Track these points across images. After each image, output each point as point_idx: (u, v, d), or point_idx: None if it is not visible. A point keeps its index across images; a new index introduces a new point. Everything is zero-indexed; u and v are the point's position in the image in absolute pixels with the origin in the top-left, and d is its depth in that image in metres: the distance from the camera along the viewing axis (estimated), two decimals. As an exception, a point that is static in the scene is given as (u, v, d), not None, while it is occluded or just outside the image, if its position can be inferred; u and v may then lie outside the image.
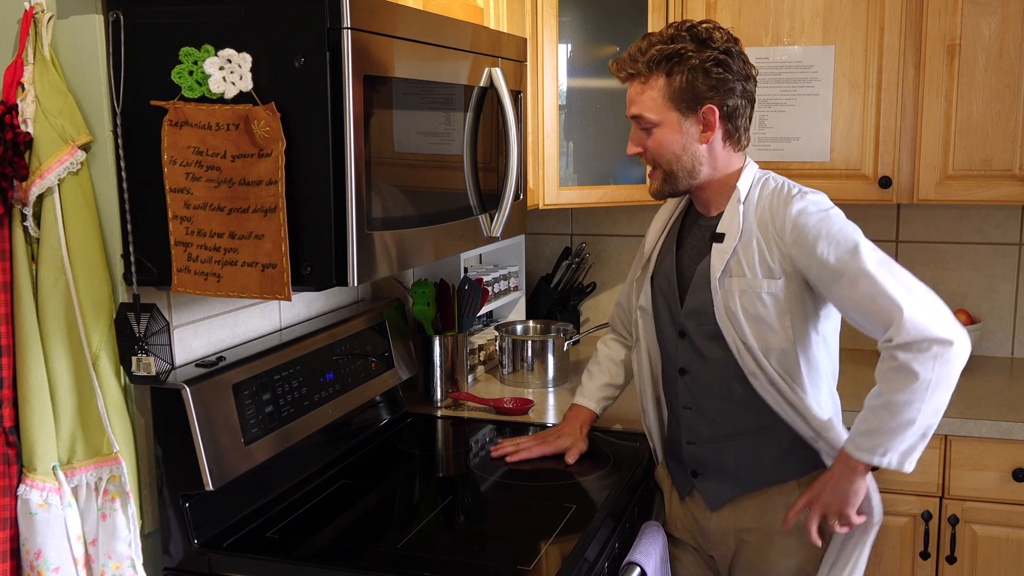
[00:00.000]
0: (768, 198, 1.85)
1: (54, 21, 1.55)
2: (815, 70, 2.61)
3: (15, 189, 1.52)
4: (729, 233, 1.85)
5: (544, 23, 2.59)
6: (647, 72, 1.83)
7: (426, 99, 1.71)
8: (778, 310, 1.82)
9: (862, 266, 1.73)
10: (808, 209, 1.80)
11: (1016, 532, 2.33)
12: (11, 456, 1.54)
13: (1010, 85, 2.47)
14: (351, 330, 2.19)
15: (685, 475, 2.00)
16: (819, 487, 1.82)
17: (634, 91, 1.86)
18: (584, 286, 3.17)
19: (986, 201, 2.54)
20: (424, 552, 1.71)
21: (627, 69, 1.86)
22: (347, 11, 1.42)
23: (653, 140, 1.85)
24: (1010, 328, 2.89)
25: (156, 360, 1.60)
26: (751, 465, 1.91)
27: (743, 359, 1.85)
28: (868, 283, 1.72)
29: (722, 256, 1.84)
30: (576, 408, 2.23)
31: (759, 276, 1.82)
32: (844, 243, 1.76)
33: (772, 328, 1.82)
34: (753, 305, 1.82)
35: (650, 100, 1.83)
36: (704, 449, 1.95)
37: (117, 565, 1.59)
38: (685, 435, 1.98)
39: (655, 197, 1.94)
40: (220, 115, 1.47)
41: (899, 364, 1.69)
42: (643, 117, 1.84)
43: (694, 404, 1.95)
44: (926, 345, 1.68)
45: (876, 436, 1.72)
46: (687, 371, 1.95)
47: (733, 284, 1.84)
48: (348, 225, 1.47)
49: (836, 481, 1.79)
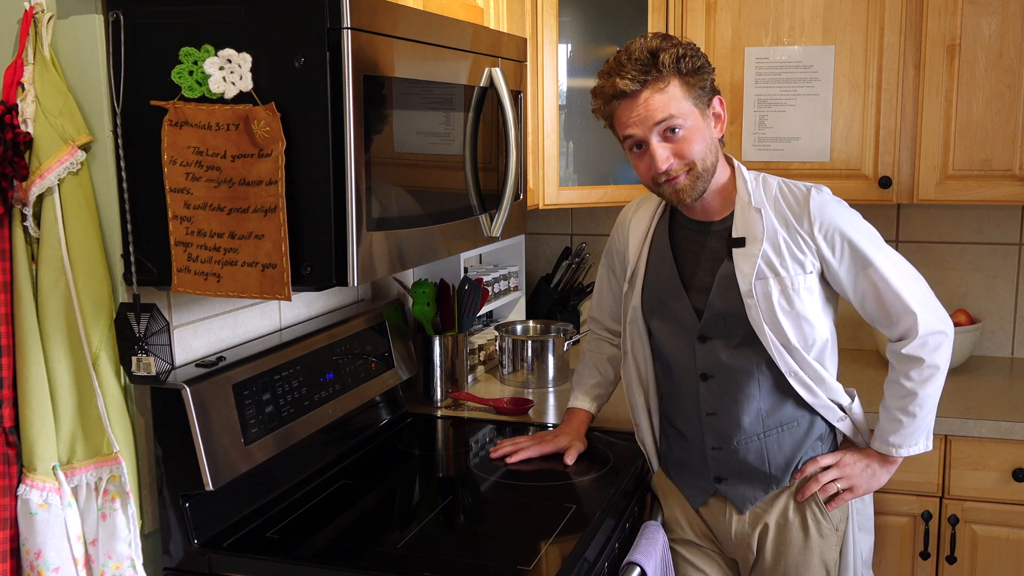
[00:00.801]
0: (780, 195, 1.87)
1: (54, 21, 1.55)
2: (815, 70, 2.61)
3: (15, 189, 1.52)
4: (751, 236, 1.84)
5: (544, 23, 2.59)
6: (662, 81, 1.76)
7: (426, 99, 1.71)
8: (815, 303, 1.86)
9: (882, 264, 1.83)
10: (828, 201, 1.85)
11: (1016, 532, 2.33)
12: (11, 456, 1.54)
13: (1010, 85, 2.47)
14: (351, 330, 2.19)
15: (706, 482, 1.97)
16: (851, 461, 1.93)
17: (654, 101, 1.76)
18: (584, 286, 3.17)
19: (986, 201, 2.54)
20: (424, 552, 1.71)
21: (640, 79, 1.76)
22: (347, 11, 1.42)
23: (685, 142, 1.78)
24: (1010, 328, 2.89)
25: (156, 360, 1.60)
26: (780, 460, 1.92)
27: (782, 359, 1.85)
28: (886, 283, 1.83)
29: (751, 260, 1.84)
30: (572, 411, 2.22)
31: (793, 273, 1.84)
32: (868, 237, 1.85)
33: (810, 323, 1.85)
34: (794, 303, 1.84)
35: (673, 102, 1.77)
36: (730, 453, 1.93)
37: (117, 565, 1.59)
38: (710, 441, 1.94)
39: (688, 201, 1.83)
40: (220, 115, 1.47)
41: (922, 364, 1.84)
42: (674, 118, 1.76)
43: (719, 409, 1.92)
44: (935, 341, 1.85)
45: (908, 434, 1.89)
46: (710, 376, 1.92)
47: (770, 285, 1.83)
48: (348, 225, 1.47)
49: (874, 470, 1.93)
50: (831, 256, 1.84)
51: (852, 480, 1.92)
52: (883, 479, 1.95)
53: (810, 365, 1.87)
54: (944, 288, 2.89)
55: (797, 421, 1.91)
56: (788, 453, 1.92)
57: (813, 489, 1.91)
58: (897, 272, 1.84)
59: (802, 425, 1.92)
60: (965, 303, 2.90)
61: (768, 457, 1.91)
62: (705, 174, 1.82)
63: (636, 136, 1.79)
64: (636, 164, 1.84)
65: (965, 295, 2.90)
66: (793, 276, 1.83)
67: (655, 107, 1.76)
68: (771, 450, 1.91)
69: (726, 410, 1.92)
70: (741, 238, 1.85)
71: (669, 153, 1.78)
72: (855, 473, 1.92)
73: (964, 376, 2.68)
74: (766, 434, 1.91)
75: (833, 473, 1.91)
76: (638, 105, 1.77)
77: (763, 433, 1.91)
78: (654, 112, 1.77)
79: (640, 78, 1.76)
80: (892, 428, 1.89)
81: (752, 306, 1.84)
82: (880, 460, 1.93)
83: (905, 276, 1.86)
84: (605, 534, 1.84)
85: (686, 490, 2.02)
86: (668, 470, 2.07)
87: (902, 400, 1.88)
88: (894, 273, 1.84)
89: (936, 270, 2.90)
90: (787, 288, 1.83)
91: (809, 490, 1.91)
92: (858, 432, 1.96)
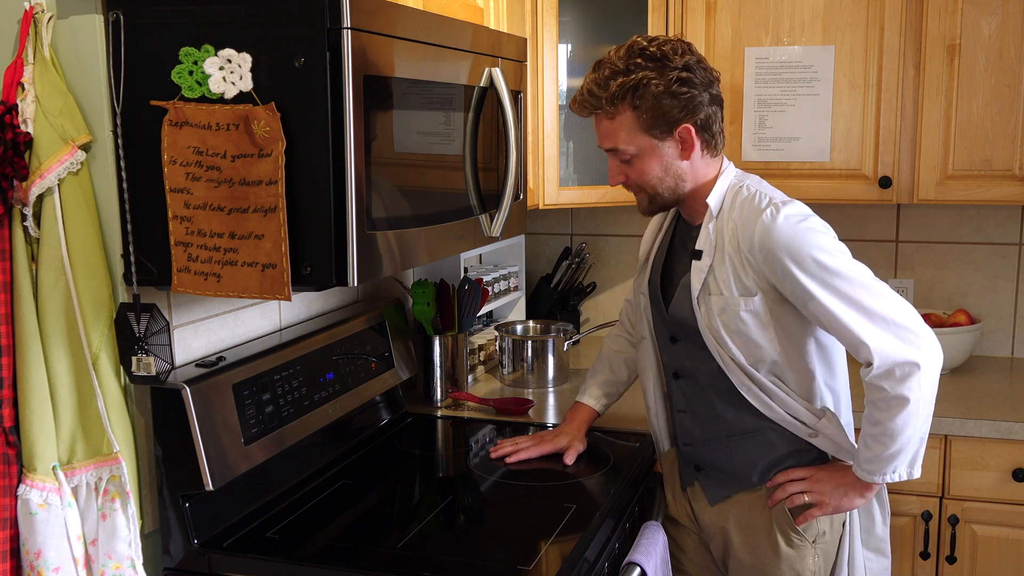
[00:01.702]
0: (739, 211, 1.81)
1: (54, 21, 1.55)
2: (815, 70, 2.61)
3: (15, 189, 1.52)
4: (707, 250, 1.84)
5: (544, 23, 2.59)
6: (611, 108, 1.78)
7: (426, 99, 1.71)
8: (760, 325, 1.81)
9: (826, 297, 1.72)
10: (777, 226, 1.74)
11: (1016, 532, 2.33)
12: (11, 456, 1.54)
13: (1010, 85, 2.47)
14: (351, 330, 2.19)
15: (689, 468, 2.02)
16: (825, 478, 1.86)
17: (604, 126, 1.82)
18: (584, 286, 3.17)
19: (986, 201, 2.54)
20: (424, 552, 1.71)
21: (589, 106, 1.81)
22: (347, 11, 1.42)
23: (634, 170, 1.83)
24: (1010, 328, 2.89)
25: (156, 360, 1.60)
26: (746, 466, 1.92)
27: (731, 371, 1.85)
28: (830, 315, 1.73)
29: (700, 274, 1.84)
30: (577, 406, 2.23)
31: (735, 295, 1.81)
32: (811, 265, 1.72)
33: (757, 343, 1.82)
34: (734, 323, 1.82)
35: (623, 132, 1.79)
36: (699, 450, 1.97)
37: (117, 565, 1.59)
38: (681, 437, 2.01)
39: (645, 215, 1.94)
40: (220, 115, 1.47)
41: (886, 394, 1.72)
42: (619, 150, 1.81)
43: (688, 408, 1.97)
44: (902, 371, 1.71)
45: (882, 461, 1.78)
46: (680, 375, 1.97)
47: (712, 302, 1.83)
48: (348, 225, 1.47)
49: (847, 489, 1.85)
50: (778, 284, 1.77)
51: (821, 496, 1.85)
52: (857, 502, 1.86)
53: (760, 381, 1.84)
54: (944, 288, 2.89)
55: (761, 432, 1.89)
56: (754, 461, 1.91)
57: (779, 497, 1.88)
58: (845, 304, 1.72)
59: (767, 437, 1.89)
60: (965, 303, 2.90)
61: (736, 460, 1.92)
62: (661, 196, 1.86)
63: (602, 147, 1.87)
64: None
65: (965, 295, 2.90)
66: (736, 298, 1.80)
67: (603, 133, 1.84)
68: (736, 454, 1.92)
69: (693, 410, 1.96)
70: (700, 251, 1.85)
71: (619, 172, 1.86)
72: (826, 491, 1.85)
73: (964, 376, 2.68)
74: (729, 438, 1.91)
75: (801, 485, 1.86)
76: (598, 124, 1.85)
77: (726, 437, 1.91)
78: (602, 137, 1.85)
79: (590, 102, 1.81)
80: (866, 454, 1.80)
81: (700, 318, 1.85)
82: (856, 482, 1.84)
83: (857, 307, 1.72)
84: (605, 534, 1.84)
85: (680, 471, 2.07)
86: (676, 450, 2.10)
87: (872, 428, 1.77)
88: (839, 306, 1.72)
89: (936, 270, 2.90)
90: (727, 308, 1.81)
91: (776, 498, 1.89)
92: (841, 450, 1.88)
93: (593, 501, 1.94)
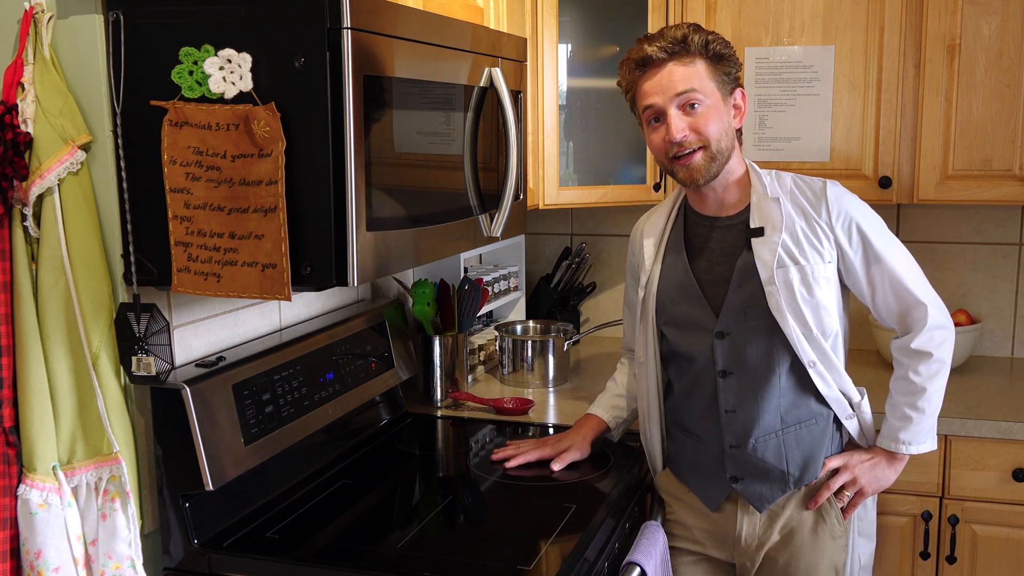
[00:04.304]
0: (795, 188, 1.91)
1: (54, 21, 1.55)
2: (815, 70, 2.61)
3: (15, 189, 1.52)
4: (770, 226, 1.87)
5: (544, 23, 2.59)
6: (687, 57, 1.82)
7: (426, 99, 1.71)
8: (833, 292, 1.89)
9: (893, 257, 1.88)
10: (844, 193, 1.89)
11: (1016, 532, 2.33)
12: (11, 456, 1.54)
13: (1010, 85, 2.47)
14: (351, 330, 2.19)
15: (721, 483, 1.95)
16: (858, 463, 1.93)
17: (677, 73, 1.82)
18: (584, 286, 3.17)
19: (986, 201, 2.54)
20: (424, 552, 1.71)
21: (668, 49, 1.82)
22: (347, 11, 1.42)
23: (703, 118, 1.83)
24: (1010, 328, 2.89)
25: (156, 360, 1.60)
26: (797, 459, 1.91)
27: (802, 348, 1.86)
28: (896, 276, 1.88)
29: (771, 248, 1.86)
30: (586, 416, 2.20)
31: (813, 262, 1.86)
32: (880, 231, 1.89)
33: (828, 312, 1.87)
34: (812, 291, 1.86)
35: (697, 77, 1.82)
36: (747, 452, 1.91)
37: (117, 565, 1.59)
38: (728, 439, 1.92)
39: (700, 181, 1.85)
40: (220, 115, 1.47)
41: (930, 359, 1.88)
42: (694, 91, 1.81)
43: (739, 406, 1.91)
44: (941, 336, 1.89)
45: (916, 430, 1.91)
46: (729, 372, 1.91)
47: (791, 273, 1.85)
48: (348, 225, 1.47)
49: (882, 468, 1.94)
50: (848, 247, 1.87)
51: (860, 482, 1.93)
52: (891, 478, 1.95)
53: (827, 354, 1.88)
54: (944, 288, 2.89)
55: (815, 419, 1.91)
56: (806, 451, 1.91)
57: (825, 496, 1.91)
58: (906, 266, 1.90)
59: (820, 424, 1.92)
60: (965, 303, 2.90)
61: (786, 455, 1.91)
62: (719, 156, 1.85)
63: (656, 105, 1.83)
64: (651, 138, 1.88)
65: (965, 295, 2.90)
66: (813, 264, 1.86)
67: (678, 78, 1.82)
68: (789, 447, 1.91)
69: (745, 407, 1.91)
70: (760, 228, 1.87)
71: (685, 125, 1.83)
72: (863, 473, 1.93)
73: (964, 376, 2.67)
74: (784, 431, 1.91)
75: (844, 476, 1.92)
76: (662, 74, 1.82)
77: (782, 430, 1.91)
78: (676, 83, 1.82)
79: (668, 48, 1.82)
80: (901, 425, 1.91)
81: (773, 294, 1.85)
82: (887, 458, 1.94)
83: (914, 270, 1.91)
84: (605, 534, 1.84)
85: (702, 493, 1.99)
86: (680, 474, 2.03)
87: (911, 396, 1.89)
88: (904, 266, 1.89)
89: (936, 270, 2.90)
90: (807, 276, 1.85)
91: (821, 497, 1.91)
92: (863, 434, 1.96)
93: (593, 501, 1.94)
